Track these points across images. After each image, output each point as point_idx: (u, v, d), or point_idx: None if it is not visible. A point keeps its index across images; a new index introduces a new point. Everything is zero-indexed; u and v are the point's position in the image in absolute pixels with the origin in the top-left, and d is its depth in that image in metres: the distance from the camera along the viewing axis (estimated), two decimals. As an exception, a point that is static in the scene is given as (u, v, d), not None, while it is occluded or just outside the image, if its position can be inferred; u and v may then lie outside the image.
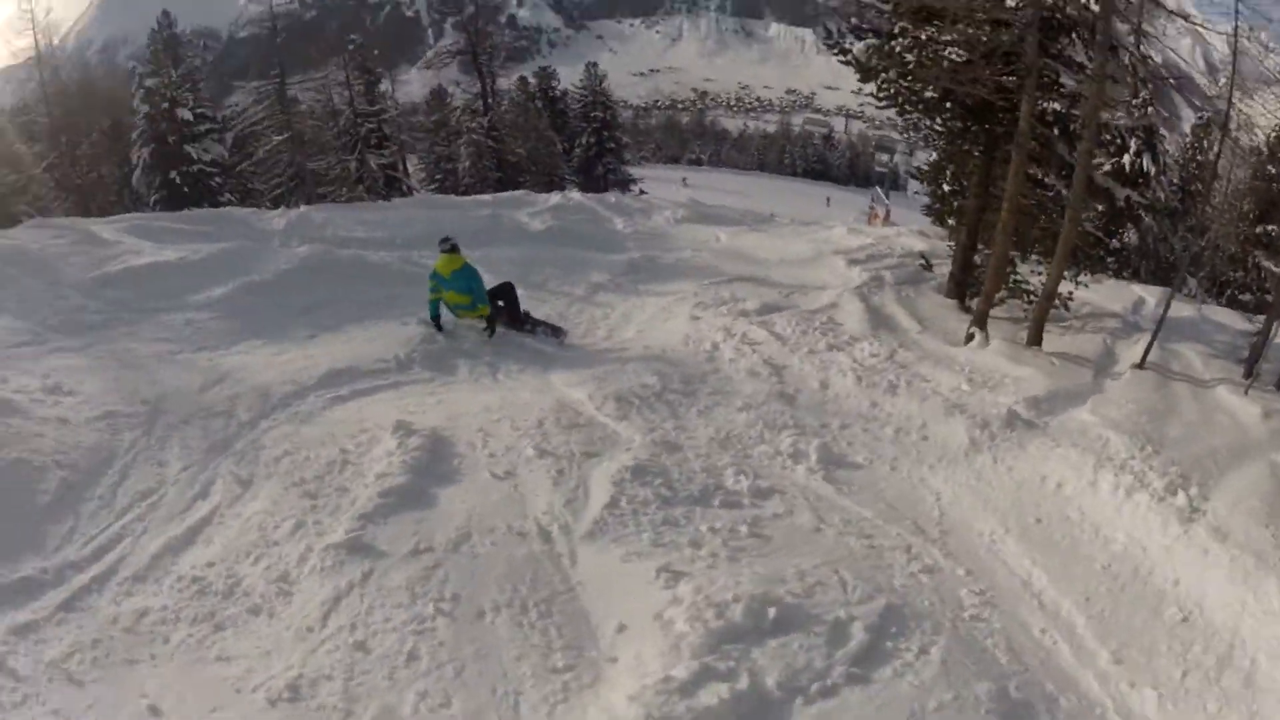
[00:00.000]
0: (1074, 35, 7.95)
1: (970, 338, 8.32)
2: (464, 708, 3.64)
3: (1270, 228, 16.27)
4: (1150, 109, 8.44)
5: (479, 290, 7.89)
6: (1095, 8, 7.38)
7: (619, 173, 35.96)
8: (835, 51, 9.82)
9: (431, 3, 31.81)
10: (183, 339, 7.37)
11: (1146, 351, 7.74)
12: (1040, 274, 8.95)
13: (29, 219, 12.62)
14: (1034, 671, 4.15)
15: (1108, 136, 8.61)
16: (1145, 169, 8.47)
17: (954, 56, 8.28)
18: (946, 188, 10.85)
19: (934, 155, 11.10)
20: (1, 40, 23.93)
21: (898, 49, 8.98)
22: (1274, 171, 16.79)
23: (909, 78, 9.16)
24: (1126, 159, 8.35)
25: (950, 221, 11.11)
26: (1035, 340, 8.24)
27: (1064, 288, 8.72)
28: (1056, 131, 8.46)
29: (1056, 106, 8.46)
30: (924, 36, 8.53)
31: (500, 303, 8.13)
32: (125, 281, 8.21)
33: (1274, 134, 16.55)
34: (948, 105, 9.28)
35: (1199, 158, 19.99)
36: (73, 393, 6.02)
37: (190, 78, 23.59)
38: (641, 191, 31.96)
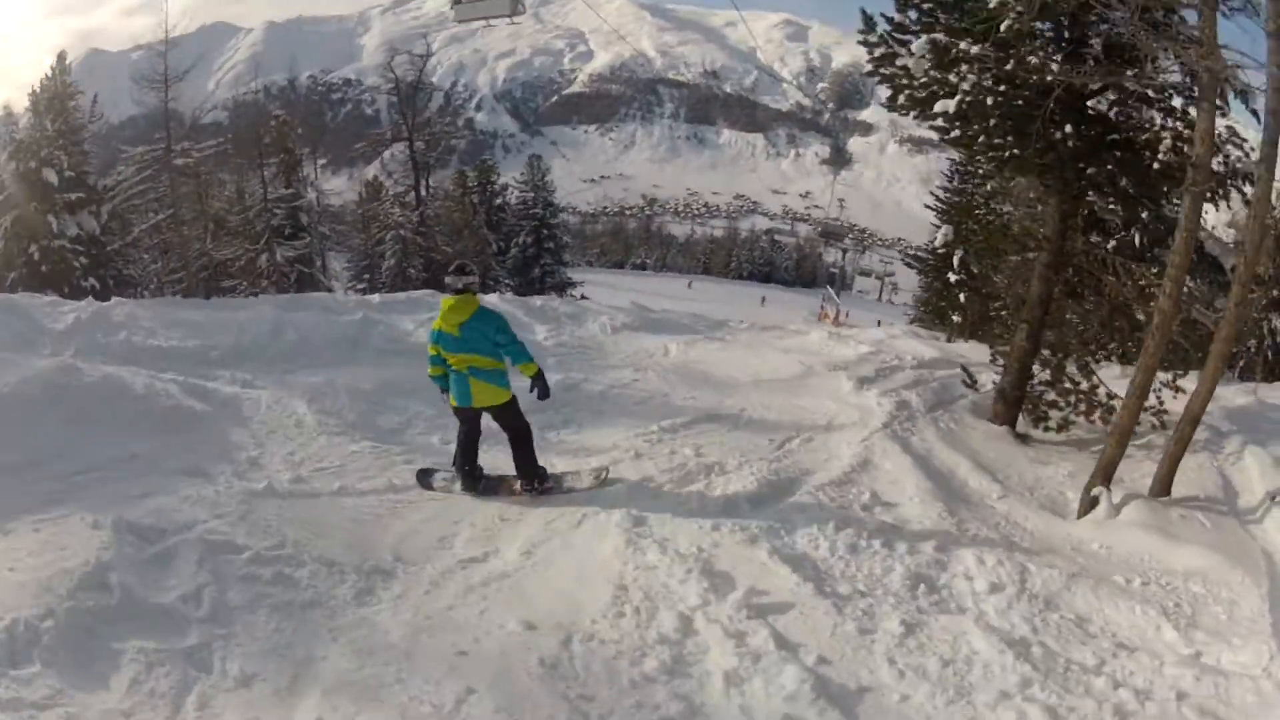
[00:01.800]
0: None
1: (1094, 503, 5.47)
2: None
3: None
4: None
5: (512, 343, 5.19)
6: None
7: (558, 275, 34.14)
8: (876, 58, 6.74)
9: (392, 104, 30.30)
10: None
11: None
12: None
13: None
14: None
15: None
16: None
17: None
18: (953, 276, 8.88)
19: (941, 235, 9.09)
20: None
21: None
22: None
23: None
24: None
25: (955, 318, 9.01)
26: (1165, 488, 5.50)
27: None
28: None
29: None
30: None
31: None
32: None
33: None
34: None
35: None
36: None
37: (72, 135, 19.66)
38: (582, 296, 29.98)
